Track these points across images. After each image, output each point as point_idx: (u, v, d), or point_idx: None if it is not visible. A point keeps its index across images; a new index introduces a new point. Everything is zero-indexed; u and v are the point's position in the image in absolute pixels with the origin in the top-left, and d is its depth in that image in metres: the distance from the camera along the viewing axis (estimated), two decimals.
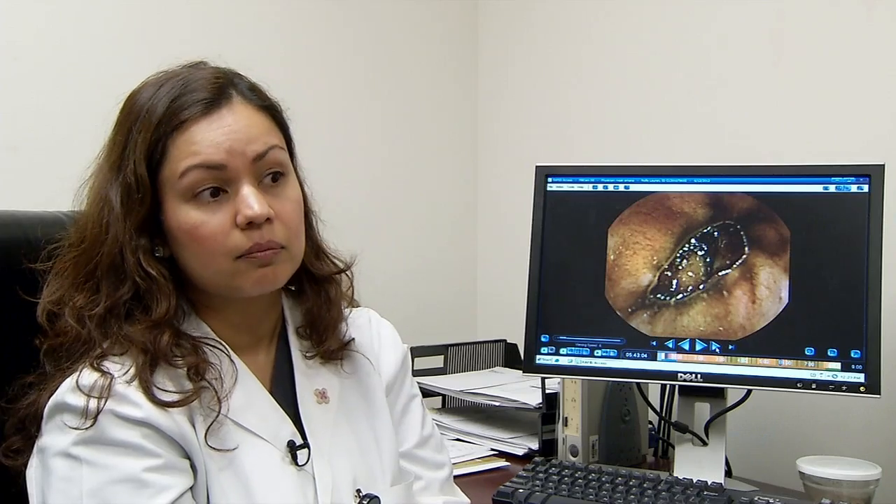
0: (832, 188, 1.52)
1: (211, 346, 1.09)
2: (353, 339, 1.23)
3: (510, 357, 2.23)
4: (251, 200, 1.04)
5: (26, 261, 1.12)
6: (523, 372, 1.67)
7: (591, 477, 1.48)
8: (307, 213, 1.17)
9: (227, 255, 1.05)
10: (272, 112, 1.12)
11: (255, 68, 1.15)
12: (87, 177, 1.12)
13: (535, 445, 1.77)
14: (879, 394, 1.45)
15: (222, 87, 1.08)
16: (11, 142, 1.81)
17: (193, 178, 1.04)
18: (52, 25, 1.87)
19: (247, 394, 1.10)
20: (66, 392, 1.01)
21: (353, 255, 1.24)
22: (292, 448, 1.11)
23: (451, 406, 2.08)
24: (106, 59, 1.92)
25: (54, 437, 1.01)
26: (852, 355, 1.46)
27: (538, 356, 1.64)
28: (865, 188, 1.49)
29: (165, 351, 1.04)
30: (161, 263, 1.07)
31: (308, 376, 1.17)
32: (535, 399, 1.79)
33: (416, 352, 1.35)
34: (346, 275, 1.24)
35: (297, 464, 1.10)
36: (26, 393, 1.06)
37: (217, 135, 1.05)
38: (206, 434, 1.04)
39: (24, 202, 1.27)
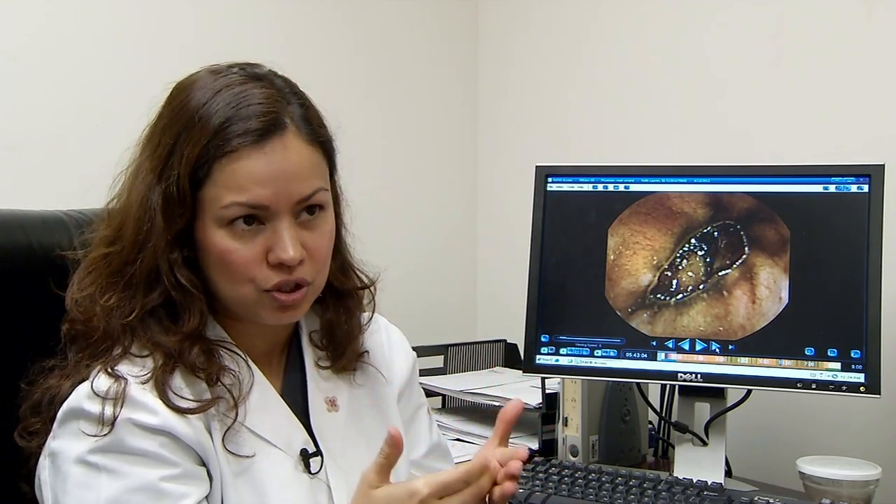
0: (832, 188, 1.52)
1: (230, 351, 1.09)
2: (367, 351, 1.23)
3: (510, 357, 2.23)
4: (286, 244, 1.03)
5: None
6: (523, 372, 1.67)
7: (591, 477, 1.48)
8: (338, 228, 1.15)
9: (253, 286, 1.05)
10: (323, 145, 1.11)
11: None
12: (122, 170, 1.11)
13: (535, 445, 1.77)
14: (879, 394, 1.45)
15: (277, 116, 1.05)
16: (11, 142, 1.81)
17: (235, 212, 1.03)
18: (52, 25, 1.86)
19: (262, 401, 1.10)
20: (83, 398, 1.01)
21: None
22: (305, 456, 1.11)
23: (451, 406, 2.08)
24: (106, 59, 1.92)
25: (70, 443, 1.01)
26: (852, 355, 1.46)
27: (538, 356, 1.64)
28: (865, 188, 1.49)
29: (192, 362, 1.04)
30: (192, 272, 1.06)
31: (319, 385, 1.17)
32: (535, 399, 1.79)
33: (417, 352, 1.35)
34: (370, 289, 1.24)
35: (309, 472, 1.11)
36: (45, 377, 1.06)
37: (266, 172, 1.03)
38: (223, 439, 1.05)
39: (24, 202, 1.27)
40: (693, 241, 1.58)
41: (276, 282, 1.05)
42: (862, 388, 1.45)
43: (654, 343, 1.58)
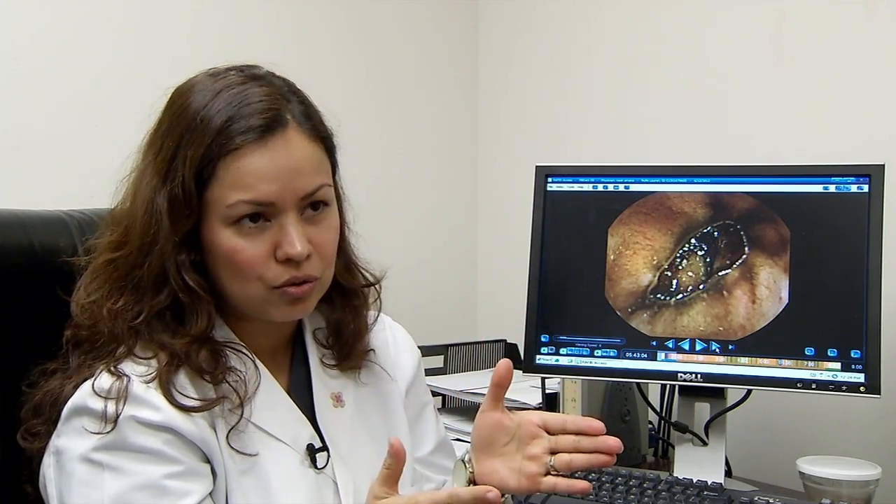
0: (832, 188, 1.52)
1: (237, 350, 1.09)
2: (373, 349, 1.23)
3: (510, 357, 2.22)
4: (293, 238, 1.04)
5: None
6: (523, 372, 1.67)
7: (590, 477, 1.48)
8: (341, 227, 1.16)
9: (262, 284, 1.06)
10: (325, 142, 1.11)
11: None
12: (127, 173, 1.11)
13: None
14: (879, 394, 1.45)
15: (278, 113, 1.05)
16: (12, 142, 1.81)
17: (241, 210, 1.03)
18: (52, 26, 1.86)
19: (268, 398, 1.11)
20: (86, 396, 1.01)
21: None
22: (311, 451, 1.11)
23: (451, 406, 2.08)
24: (106, 60, 1.92)
25: (74, 441, 1.01)
26: (852, 355, 1.46)
27: (538, 356, 1.64)
28: (865, 188, 1.49)
29: (199, 365, 1.04)
30: (199, 274, 1.06)
31: (324, 380, 1.18)
32: (535, 399, 1.79)
33: None
34: (374, 287, 1.24)
35: (315, 467, 1.11)
36: (47, 379, 1.06)
37: (270, 169, 1.03)
38: (227, 437, 1.05)
39: (24, 202, 1.27)
40: (693, 241, 1.58)
41: (285, 279, 1.05)
42: (862, 388, 1.45)
43: (654, 343, 1.58)
